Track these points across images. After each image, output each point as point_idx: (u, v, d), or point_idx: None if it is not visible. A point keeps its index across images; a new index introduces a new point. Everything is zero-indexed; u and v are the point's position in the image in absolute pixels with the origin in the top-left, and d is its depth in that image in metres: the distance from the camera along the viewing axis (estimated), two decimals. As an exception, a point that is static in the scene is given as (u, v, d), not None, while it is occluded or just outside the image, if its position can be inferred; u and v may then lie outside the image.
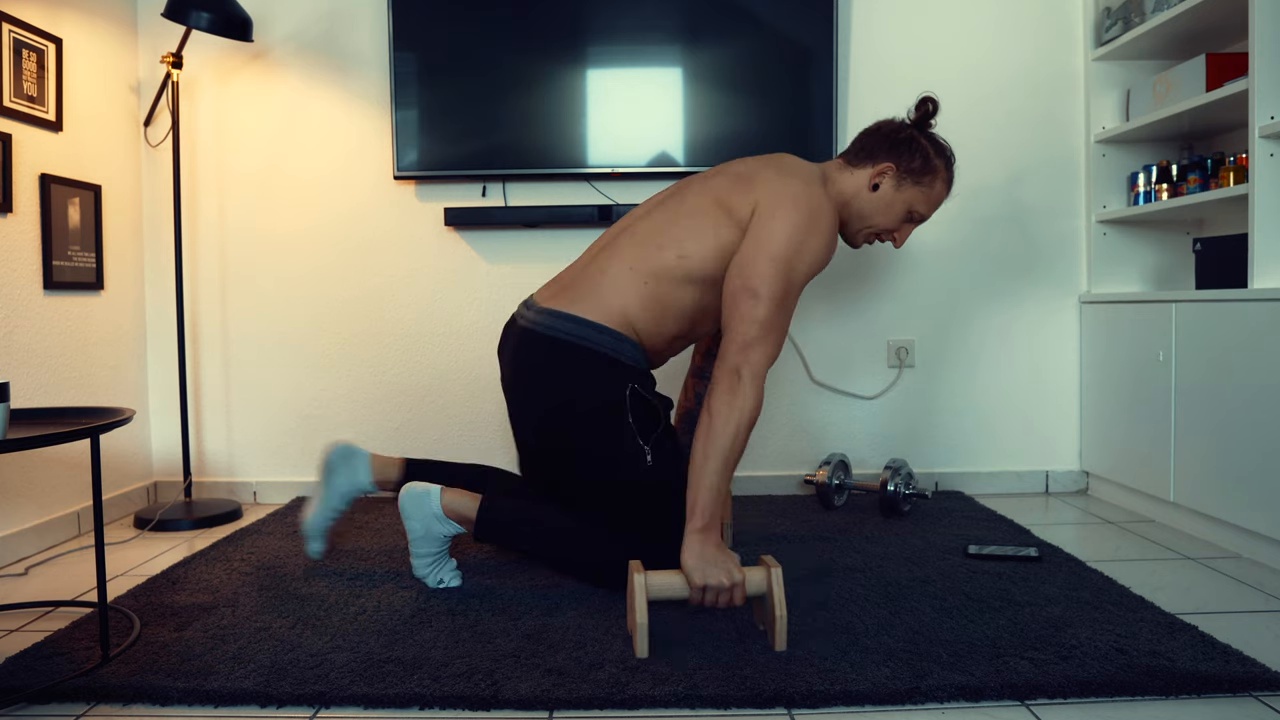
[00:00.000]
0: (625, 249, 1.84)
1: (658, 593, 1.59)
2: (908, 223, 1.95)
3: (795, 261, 1.72)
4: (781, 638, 1.55)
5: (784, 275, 1.70)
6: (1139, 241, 2.82)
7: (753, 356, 1.65)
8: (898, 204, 1.91)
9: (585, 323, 1.79)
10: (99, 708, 1.42)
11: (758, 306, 1.67)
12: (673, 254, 1.80)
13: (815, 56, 2.73)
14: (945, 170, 1.92)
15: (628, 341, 1.82)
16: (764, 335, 1.67)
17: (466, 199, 2.84)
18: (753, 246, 1.72)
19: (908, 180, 1.89)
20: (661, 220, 1.85)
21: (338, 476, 2.07)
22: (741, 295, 1.69)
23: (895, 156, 1.89)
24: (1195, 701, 1.40)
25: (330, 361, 2.88)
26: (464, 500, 1.90)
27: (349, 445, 2.10)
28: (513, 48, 2.72)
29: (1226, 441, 2.16)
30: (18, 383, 2.25)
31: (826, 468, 2.61)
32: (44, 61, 2.35)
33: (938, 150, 1.92)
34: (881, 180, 1.90)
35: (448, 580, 1.93)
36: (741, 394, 1.63)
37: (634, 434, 1.80)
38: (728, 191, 1.81)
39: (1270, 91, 2.09)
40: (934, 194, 1.92)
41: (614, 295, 1.81)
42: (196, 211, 2.86)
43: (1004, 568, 2.02)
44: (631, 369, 1.82)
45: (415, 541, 1.90)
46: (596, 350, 1.79)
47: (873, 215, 1.92)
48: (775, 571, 1.57)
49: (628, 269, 1.82)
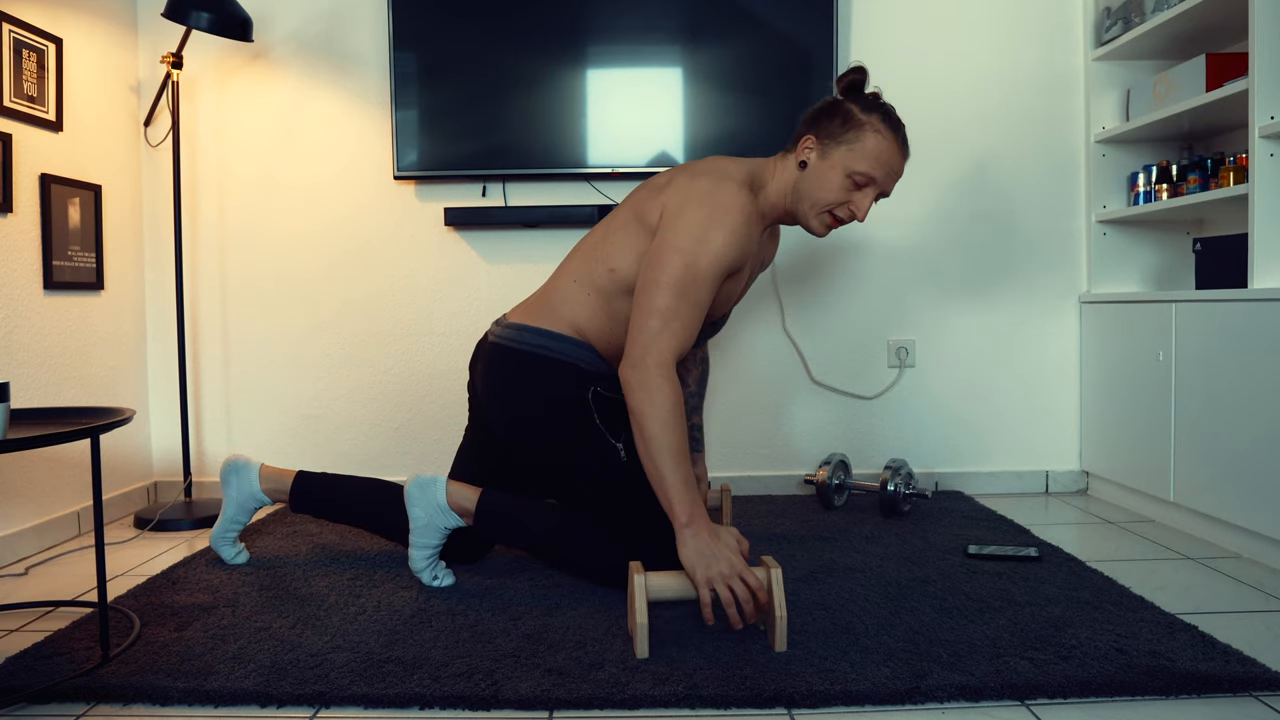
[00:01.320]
0: (570, 264, 1.92)
1: (658, 593, 1.59)
2: (856, 190, 1.81)
3: (699, 253, 1.68)
4: (782, 638, 1.55)
5: (686, 266, 1.68)
6: (1139, 241, 2.82)
7: (656, 346, 1.65)
8: (830, 172, 1.79)
9: (545, 333, 1.87)
10: (99, 708, 1.42)
11: (658, 296, 1.66)
12: (604, 268, 1.84)
13: (815, 57, 2.74)
14: (880, 123, 1.78)
15: (585, 348, 1.87)
16: (665, 325, 1.66)
17: (466, 199, 2.84)
18: (656, 243, 1.73)
19: (830, 143, 1.79)
20: (597, 235, 1.90)
21: (230, 488, 2.11)
22: (645, 287, 1.69)
23: (814, 126, 1.82)
24: (1195, 701, 1.40)
25: (330, 361, 2.88)
26: (466, 493, 1.94)
27: (239, 458, 2.13)
28: (513, 48, 2.72)
29: (1226, 441, 2.16)
30: (18, 383, 2.25)
31: (826, 468, 2.61)
32: (44, 61, 2.35)
33: (866, 106, 1.80)
34: (806, 154, 1.82)
35: (442, 578, 1.95)
36: (652, 383, 1.62)
37: (603, 433, 1.84)
38: (642, 201, 1.83)
39: (1270, 91, 2.09)
40: (867, 149, 1.77)
41: (564, 307, 1.88)
42: (196, 211, 2.86)
43: (1004, 568, 2.02)
44: (591, 373, 1.88)
45: (417, 531, 1.92)
46: (558, 359, 1.86)
47: (812, 192, 1.81)
48: (775, 572, 1.57)
49: (572, 282, 1.88)
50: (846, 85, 1.84)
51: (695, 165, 1.85)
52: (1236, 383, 2.13)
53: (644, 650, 1.54)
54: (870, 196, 1.81)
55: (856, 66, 1.84)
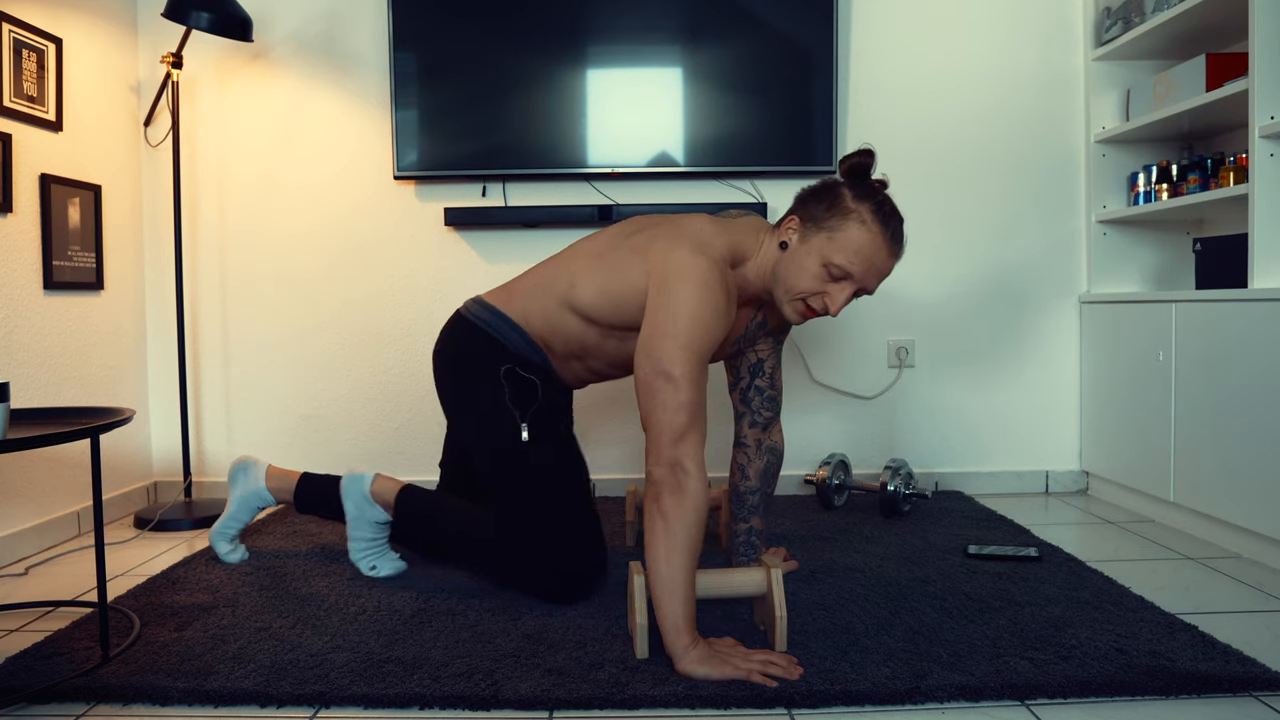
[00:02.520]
0: (544, 265, 1.93)
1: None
2: (831, 282, 1.67)
3: (698, 338, 1.61)
4: (782, 638, 1.55)
5: (694, 354, 1.60)
6: (1139, 241, 2.82)
7: (689, 443, 1.56)
8: (805, 259, 1.67)
9: (495, 311, 1.90)
10: (99, 708, 1.42)
11: (679, 391, 1.57)
12: (567, 281, 1.83)
13: (815, 57, 2.73)
14: (869, 214, 1.65)
15: (519, 332, 1.88)
16: (692, 419, 1.57)
17: (466, 199, 2.84)
18: (651, 329, 1.62)
19: (812, 228, 1.67)
20: (573, 250, 1.89)
21: (236, 486, 2.15)
22: (657, 381, 1.58)
23: (802, 206, 1.71)
24: (1195, 701, 1.40)
25: (330, 361, 2.88)
26: (391, 486, 2.01)
27: (248, 458, 2.18)
28: (513, 48, 2.72)
29: (1226, 441, 2.16)
30: (18, 383, 2.25)
31: (826, 468, 2.61)
32: (44, 61, 2.35)
33: (860, 194, 1.67)
34: (789, 235, 1.71)
35: (381, 568, 2.02)
36: (690, 486, 1.52)
37: (509, 410, 1.84)
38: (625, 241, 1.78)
39: (1270, 91, 2.09)
40: (849, 239, 1.64)
41: (521, 298, 1.90)
42: (196, 211, 2.86)
43: (1004, 568, 2.02)
44: (515, 355, 1.88)
45: (350, 523, 2.03)
46: (491, 335, 1.89)
47: (787, 277, 1.70)
48: (775, 572, 1.57)
49: (536, 281, 1.90)
50: (849, 167, 1.72)
51: (679, 225, 1.75)
52: (1237, 383, 2.13)
53: (644, 650, 1.54)
54: (847, 291, 1.67)
55: (865, 150, 1.71)
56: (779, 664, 1.47)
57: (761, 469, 2.00)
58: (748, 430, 2.01)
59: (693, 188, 2.83)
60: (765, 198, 2.83)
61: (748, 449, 2.01)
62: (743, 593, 1.61)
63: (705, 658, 1.47)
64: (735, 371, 2.03)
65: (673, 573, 1.49)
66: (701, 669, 1.45)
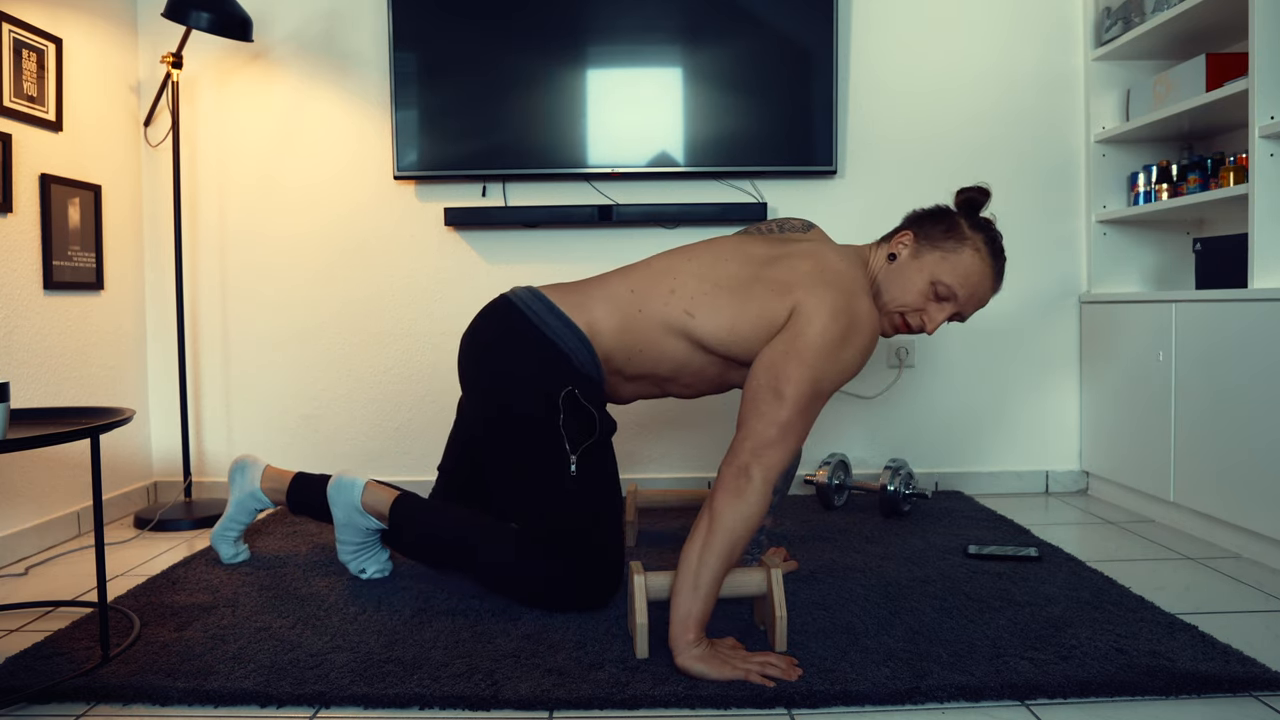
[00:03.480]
0: (638, 273, 1.81)
1: (658, 594, 1.59)
2: (934, 301, 1.72)
3: (827, 371, 1.60)
4: (782, 638, 1.55)
5: (813, 383, 1.59)
6: (1139, 241, 2.82)
7: (767, 458, 1.55)
8: (915, 274, 1.72)
9: (557, 313, 1.77)
10: (99, 708, 1.42)
11: (781, 409, 1.57)
12: (680, 307, 1.73)
13: (815, 57, 2.74)
14: (983, 244, 1.71)
15: (586, 344, 1.76)
16: (782, 438, 1.56)
17: (466, 199, 2.84)
18: (784, 347, 1.61)
19: (926, 246, 1.72)
20: (677, 267, 1.79)
21: (234, 487, 2.12)
22: (765, 394, 1.58)
23: (917, 224, 1.76)
24: (1195, 701, 1.40)
25: (330, 361, 2.88)
26: (383, 496, 1.94)
27: (247, 458, 2.14)
28: (513, 48, 2.72)
29: (1226, 441, 2.16)
30: (18, 383, 2.25)
31: (826, 468, 2.61)
32: (44, 61, 2.35)
33: (975, 225, 1.73)
34: (899, 249, 1.75)
35: (370, 570, 2.00)
36: (749, 496, 1.52)
37: (561, 437, 1.73)
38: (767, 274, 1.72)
39: (1270, 91, 2.09)
40: (961, 262, 1.70)
41: (597, 305, 1.78)
42: (196, 211, 2.86)
43: (1004, 568, 2.02)
44: (577, 370, 1.75)
45: (338, 528, 1.98)
46: (552, 340, 1.75)
47: (890, 289, 1.73)
48: (775, 572, 1.58)
49: (629, 290, 1.78)
50: (966, 200, 1.76)
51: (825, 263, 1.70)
52: (1237, 383, 2.13)
53: (644, 650, 1.54)
54: (946, 312, 1.73)
55: (981, 188, 1.75)
56: (778, 665, 1.47)
57: (786, 471, 1.99)
58: None
59: (693, 188, 2.83)
60: (765, 198, 2.83)
61: None
62: (742, 593, 1.61)
63: (705, 656, 1.47)
64: None
65: (703, 571, 1.50)
66: (700, 666, 1.46)
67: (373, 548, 2.01)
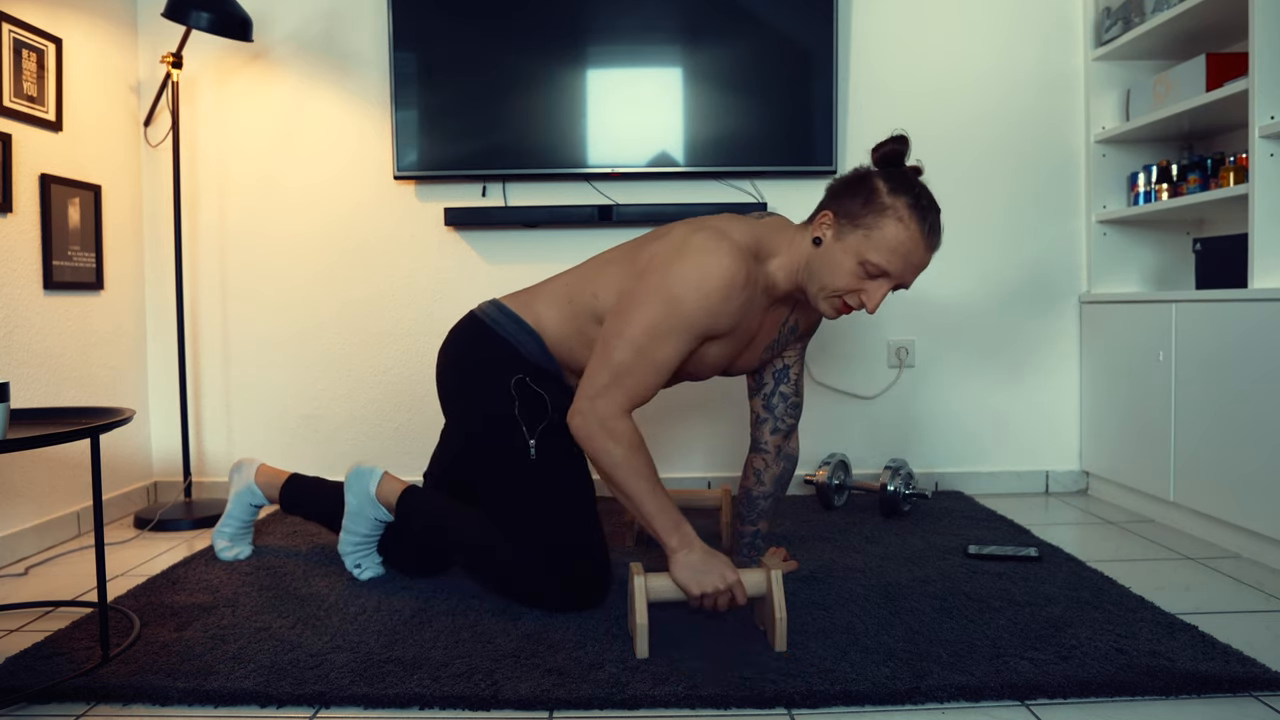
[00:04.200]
0: (575, 270, 1.90)
1: (658, 594, 1.59)
2: (868, 279, 1.64)
3: (668, 311, 1.61)
4: (781, 638, 1.56)
5: (651, 324, 1.61)
6: (1139, 241, 2.82)
7: (602, 401, 1.62)
8: (842, 256, 1.63)
9: (510, 314, 1.86)
10: (99, 708, 1.42)
11: (615, 349, 1.62)
12: (589, 291, 1.81)
13: (815, 57, 2.74)
14: (906, 209, 1.60)
15: (535, 337, 1.83)
16: (615, 380, 1.62)
17: (466, 199, 2.84)
18: (630, 291, 1.67)
19: (847, 224, 1.63)
20: (603, 259, 1.87)
21: (232, 486, 2.15)
22: (604, 337, 1.66)
23: (835, 200, 1.67)
24: (1195, 701, 1.40)
25: (330, 361, 2.88)
26: (396, 487, 1.97)
27: (245, 460, 2.18)
28: (513, 48, 2.72)
29: (1226, 441, 2.16)
30: (18, 383, 2.25)
31: (826, 468, 2.61)
32: (44, 61, 2.35)
33: (895, 186, 1.62)
34: (822, 231, 1.67)
35: (365, 569, 1.99)
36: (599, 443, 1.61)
37: (517, 421, 1.79)
38: (642, 243, 1.80)
39: (1270, 91, 2.09)
40: (885, 237, 1.60)
41: (541, 303, 1.87)
42: (196, 211, 2.86)
43: (1004, 568, 2.02)
44: (525, 359, 1.83)
45: (349, 517, 1.98)
46: (504, 337, 1.84)
47: (821, 274, 1.66)
48: (775, 573, 1.58)
49: (564, 285, 1.87)
50: (883, 155, 1.68)
51: (703, 219, 1.74)
52: (1237, 383, 2.13)
53: (644, 650, 1.54)
54: (885, 288, 1.64)
55: (898, 135, 1.67)
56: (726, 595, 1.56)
57: (777, 474, 1.99)
58: (769, 436, 1.98)
59: (693, 188, 2.83)
60: (765, 198, 2.83)
61: (766, 454, 1.98)
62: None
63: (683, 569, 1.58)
64: (758, 377, 1.97)
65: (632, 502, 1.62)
66: (679, 577, 1.57)
67: (373, 546, 2.02)
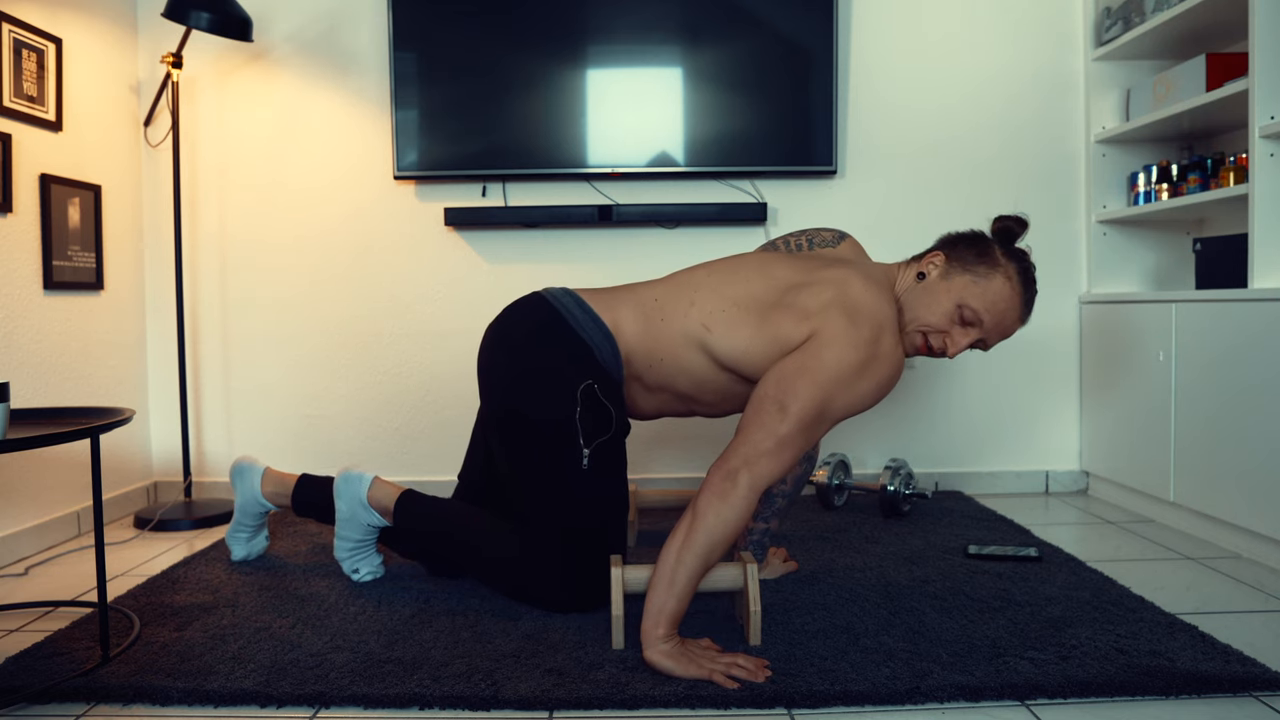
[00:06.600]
0: (663, 284, 1.82)
1: (635, 586, 1.60)
2: (958, 325, 1.68)
3: (837, 396, 1.59)
4: (756, 632, 1.57)
5: (819, 404, 1.57)
6: (1139, 241, 2.82)
7: (758, 468, 1.53)
8: (943, 295, 1.68)
9: (587, 309, 1.80)
10: (99, 708, 1.42)
11: (783, 423, 1.55)
12: (698, 320, 1.73)
13: (815, 57, 2.74)
14: (1014, 274, 1.67)
15: (611, 341, 1.77)
16: (777, 451, 1.55)
17: (466, 199, 2.84)
18: (798, 364, 1.59)
19: (957, 268, 1.69)
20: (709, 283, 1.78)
21: (236, 491, 2.12)
22: (770, 405, 1.57)
23: (949, 247, 1.73)
24: (1195, 701, 1.40)
25: (330, 361, 2.88)
26: (389, 492, 1.94)
27: (245, 461, 2.12)
28: (513, 48, 2.72)
29: (1226, 441, 2.16)
30: (18, 383, 2.25)
31: (826, 468, 2.61)
32: (44, 61, 2.35)
33: (1010, 254, 1.69)
34: (929, 269, 1.72)
35: (364, 571, 1.98)
36: (733, 501, 1.51)
37: (577, 430, 1.73)
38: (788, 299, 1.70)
39: (1270, 91, 2.09)
40: (990, 289, 1.66)
41: (623, 307, 1.80)
42: (196, 211, 2.86)
43: (1004, 568, 2.02)
44: (600, 365, 1.76)
45: (340, 523, 1.96)
46: (579, 334, 1.77)
47: (915, 308, 1.70)
48: (750, 567, 1.60)
49: (653, 298, 1.80)
50: (1002, 228, 1.73)
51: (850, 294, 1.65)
52: (1237, 383, 2.13)
53: (619, 641, 1.56)
54: (970, 337, 1.69)
55: (1019, 218, 1.73)
56: (745, 666, 1.46)
57: (798, 475, 1.98)
58: None
59: (693, 188, 2.83)
60: (765, 198, 2.83)
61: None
62: (718, 587, 1.63)
63: (673, 653, 1.48)
64: None
65: (679, 569, 1.50)
66: (667, 661, 1.47)
67: (369, 548, 2.00)
